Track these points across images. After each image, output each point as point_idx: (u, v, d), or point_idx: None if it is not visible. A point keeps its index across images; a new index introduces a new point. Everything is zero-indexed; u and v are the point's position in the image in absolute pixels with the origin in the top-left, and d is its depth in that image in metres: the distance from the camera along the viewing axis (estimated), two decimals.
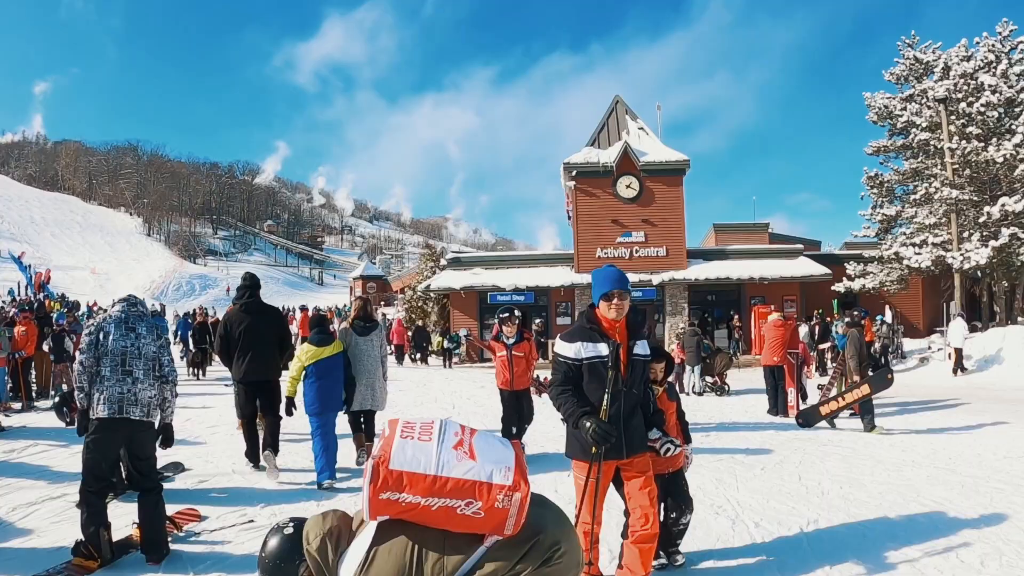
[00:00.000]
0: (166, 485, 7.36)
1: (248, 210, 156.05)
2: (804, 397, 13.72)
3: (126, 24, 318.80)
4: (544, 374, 11.36)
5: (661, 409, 5.01)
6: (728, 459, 8.74)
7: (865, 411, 11.17)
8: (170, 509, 5.97)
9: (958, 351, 21.23)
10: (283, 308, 55.53)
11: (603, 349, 4.20)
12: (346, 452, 8.43)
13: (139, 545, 5.35)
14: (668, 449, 4.51)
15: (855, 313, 12.73)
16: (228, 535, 5.95)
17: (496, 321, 9.45)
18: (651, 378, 4.92)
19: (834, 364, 16.13)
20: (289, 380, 7.84)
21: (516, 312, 9.32)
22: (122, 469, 6.35)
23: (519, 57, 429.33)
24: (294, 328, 27.09)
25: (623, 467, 4.44)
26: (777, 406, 13.27)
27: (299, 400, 7.89)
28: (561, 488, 6.99)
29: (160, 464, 7.46)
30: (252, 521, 6.29)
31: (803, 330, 19.62)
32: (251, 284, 8.45)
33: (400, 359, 27.98)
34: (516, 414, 9.14)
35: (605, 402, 4.11)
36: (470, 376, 21.46)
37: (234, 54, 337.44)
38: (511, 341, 9.00)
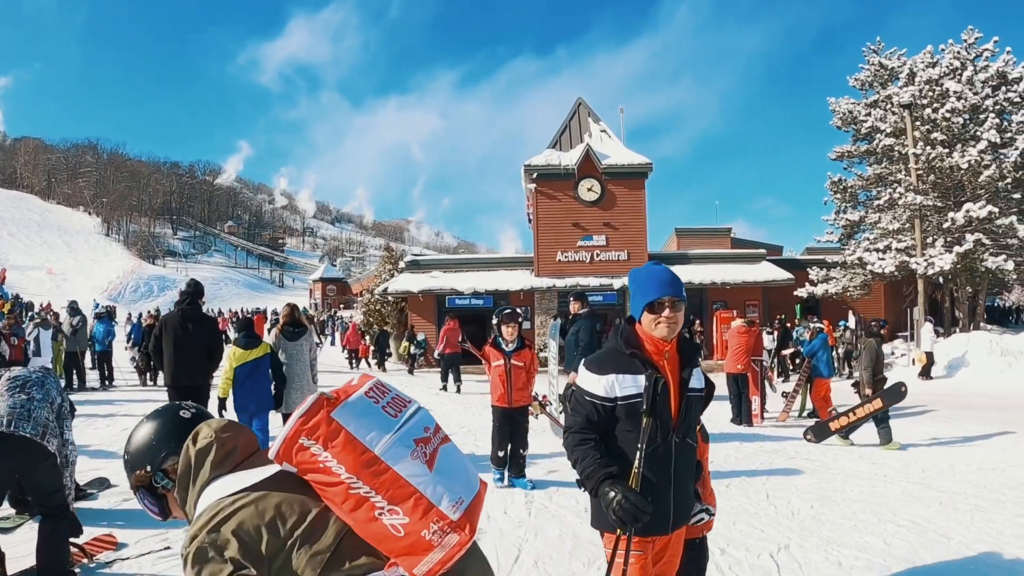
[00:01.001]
0: (88, 503, 6.71)
1: (209, 211, 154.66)
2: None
3: (90, 19, 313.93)
4: (543, 391, 10.72)
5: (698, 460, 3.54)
6: None
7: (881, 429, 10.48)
8: (88, 533, 5.45)
9: (928, 356, 21.18)
10: (244, 311, 54.43)
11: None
12: None
13: None
14: (702, 519, 3.59)
15: (873, 323, 12.11)
16: (144, 564, 5.32)
17: (494, 321, 7.89)
18: None
19: (799, 371, 15.70)
20: (221, 382, 8.12)
21: (519, 311, 8.13)
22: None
23: (484, 60, 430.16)
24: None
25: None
26: (741, 415, 12.75)
27: (230, 402, 8.13)
28: (578, 550, 5.68)
29: (84, 480, 6.84)
30: (169, 548, 5.61)
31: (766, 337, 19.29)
32: (193, 291, 8.59)
33: (355, 364, 27.18)
34: (509, 437, 7.77)
35: (637, 463, 2.91)
36: (430, 382, 20.70)
37: (198, 52, 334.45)
38: (511, 348, 7.72)
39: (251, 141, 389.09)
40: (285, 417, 8.18)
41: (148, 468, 2.19)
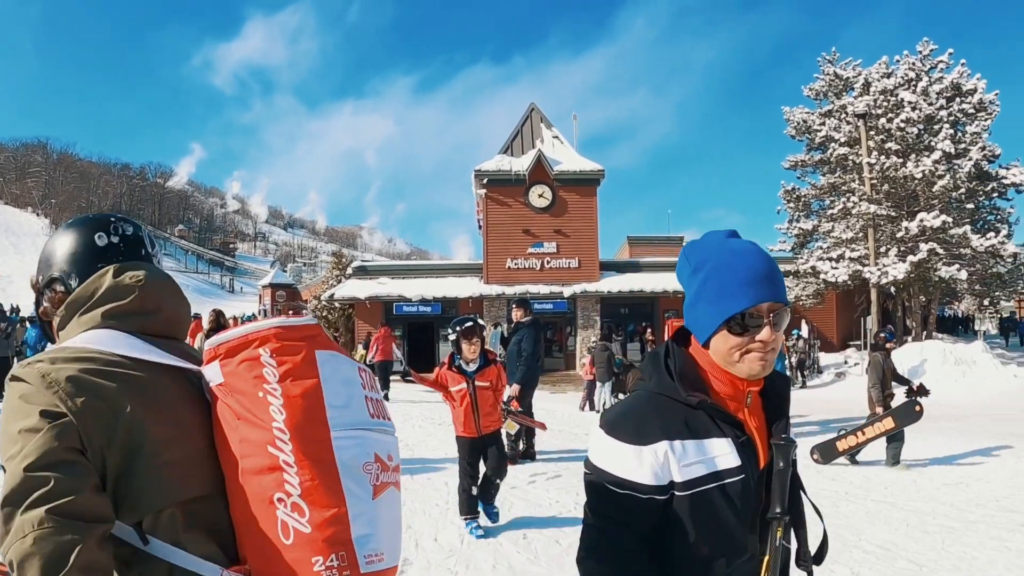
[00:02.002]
0: None
1: (159, 214, 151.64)
2: None
3: (43, 15, 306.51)
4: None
5: None
6: None
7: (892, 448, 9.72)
8: None
9: None
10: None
11: (726, 454, 1.58)
12: None
13: None
14: None
15: (881, 335, 11.36)
16: None
17: (452, 337, 6.51)
18: None
19: None
20: None
21: (480, 322, 6.80)
22: None
23: (441, 66, 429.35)
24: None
25: None
26: None
27: None
28: None
29: None
30: None
31: None
32: None
33: None
34: (478, 469, 6.49)
35: None
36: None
37: (152, 52, 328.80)
38: (473, 368, 6.38)
39: (204, 143, 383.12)
40: None
41: (39, 279, 1.69)
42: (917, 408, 9.51)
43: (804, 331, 25.77)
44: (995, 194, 26.70)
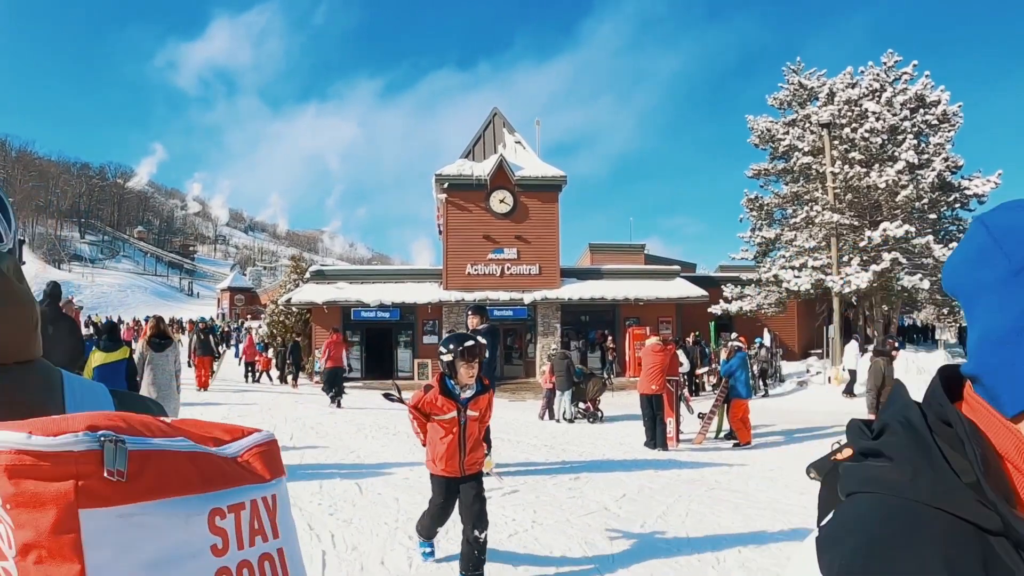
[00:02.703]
0: None
1: (119, 215, 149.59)
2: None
3: (1, 8, 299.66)
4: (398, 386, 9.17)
5: None
6: (601, 513, 7.06)
7: None
8: None
9: (852, 373, 21.14)
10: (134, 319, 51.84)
11: None
12: None
13: None
14: None
15: (890, 340, 10.79)
16: None
17: (446, 358, 5.20)
18: None
19: (716, 390, 14.97)
20: None
21: (482, 340, 5.39)
22: None
23: (406, 71, 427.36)
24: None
25: None
26: (655, 439, 11.81)
27: None
28: None
29: None
30: None
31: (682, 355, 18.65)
32: (51, 293, 8.44)
33: (252, 378, 25.52)
34: (449, 513, 5.31)
35: None
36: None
37: (116, 49, 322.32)
38: (468, 395, 5.18)
39: (165, 144, 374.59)
40: None
41: None
42: None
43: (766, 340, 25.67)
44: (957, 205, 26.88)
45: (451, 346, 5.18)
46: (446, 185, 27.41)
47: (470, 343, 5.16)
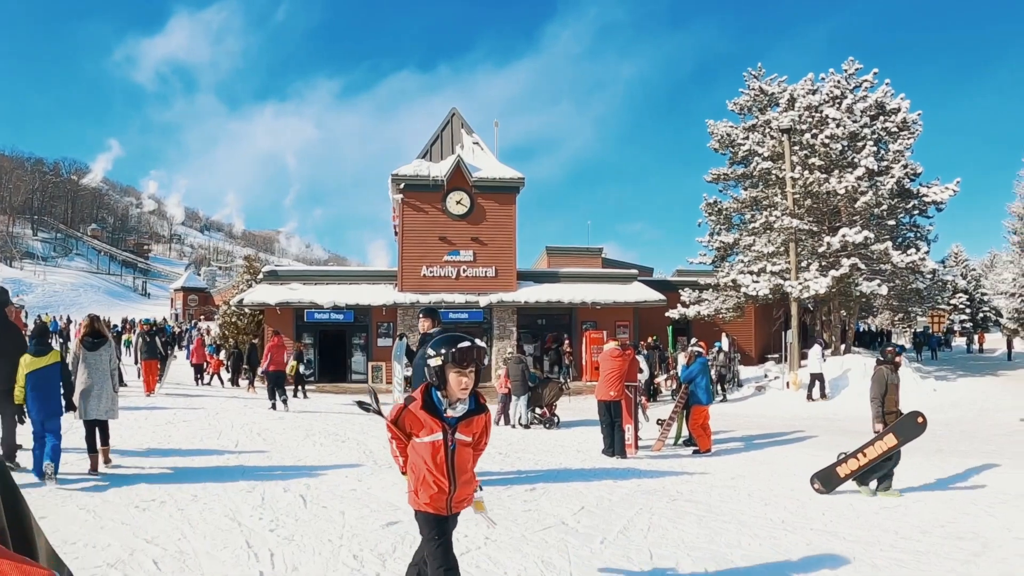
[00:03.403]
0: None
1: (72, 212, 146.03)
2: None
3: None
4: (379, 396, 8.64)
5: None
6: (558, 528, 6.65)
7: (879, 470, 8.80)
8: None
9: (815, 376, 21.20)
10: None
11: None
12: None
13: None
14: None
15: (890, 348, 10.31)
16: None
17: (435, 362, 3.86)
18: None
19: (676, 396, 14.69)
20: (16, 389, 8.11)
21: (482, 345, 3.94)
22: None
23: (366, 72, 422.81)
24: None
25: None
26: (613, 446, 11.46)
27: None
28: None
29: None
30: None
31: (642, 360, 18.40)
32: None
33: (202, 380, 24.76)
34: (452, 551, 4.05)
35: None
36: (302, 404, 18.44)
37: (73, 43, 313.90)
38: (458, 412, 3.91)
39: (122, 140, 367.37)
40: (90, 425, 8.59)
41: None
42: (920, 420, 8.63)
43: (725, 344, 25.64)
44: (916, 211, 27.16)
45: (441, 348, 3.84)
46: (402, 186, 27.00)
47: (465, 344, 3.83)
